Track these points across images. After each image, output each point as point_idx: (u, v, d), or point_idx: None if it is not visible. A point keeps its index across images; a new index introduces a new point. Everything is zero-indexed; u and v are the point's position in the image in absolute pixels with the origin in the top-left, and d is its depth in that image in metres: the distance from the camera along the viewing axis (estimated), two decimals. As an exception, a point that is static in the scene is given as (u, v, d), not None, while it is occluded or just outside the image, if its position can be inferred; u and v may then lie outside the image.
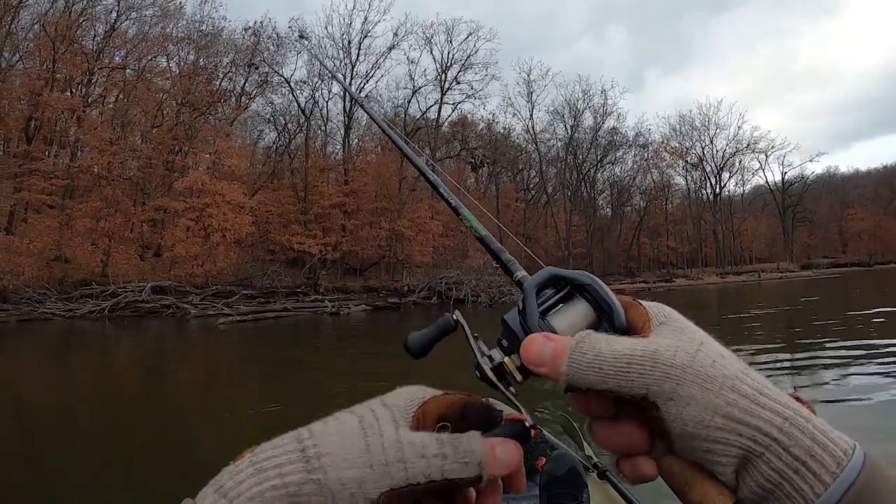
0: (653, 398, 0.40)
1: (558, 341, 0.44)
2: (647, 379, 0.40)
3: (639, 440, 0.43)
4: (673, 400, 0.40)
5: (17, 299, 24.70)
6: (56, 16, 32.64)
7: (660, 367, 0.40)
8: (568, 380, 0.42)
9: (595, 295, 0.49)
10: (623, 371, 0.41)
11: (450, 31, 46.91)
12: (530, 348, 0.45)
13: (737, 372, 0.41)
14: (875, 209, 78.61)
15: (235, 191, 32.39)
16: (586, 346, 0.42)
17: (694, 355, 0.41)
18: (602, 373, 0.41)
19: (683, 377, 0.40)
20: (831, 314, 17.09)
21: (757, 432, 0.39)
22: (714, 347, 0.43)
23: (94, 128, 32.25)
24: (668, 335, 0.44)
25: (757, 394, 0.40)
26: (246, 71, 41.40)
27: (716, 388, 0.40)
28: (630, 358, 0.41)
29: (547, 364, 0.44)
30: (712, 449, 0.40)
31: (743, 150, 65.65)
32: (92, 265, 29.79)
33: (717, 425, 0.39)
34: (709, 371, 0.41)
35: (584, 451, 3.40)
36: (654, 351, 0.41)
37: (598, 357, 0.42)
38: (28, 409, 8.35)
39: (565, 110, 58.16)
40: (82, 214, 30.10)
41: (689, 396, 0.40)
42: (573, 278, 0.50)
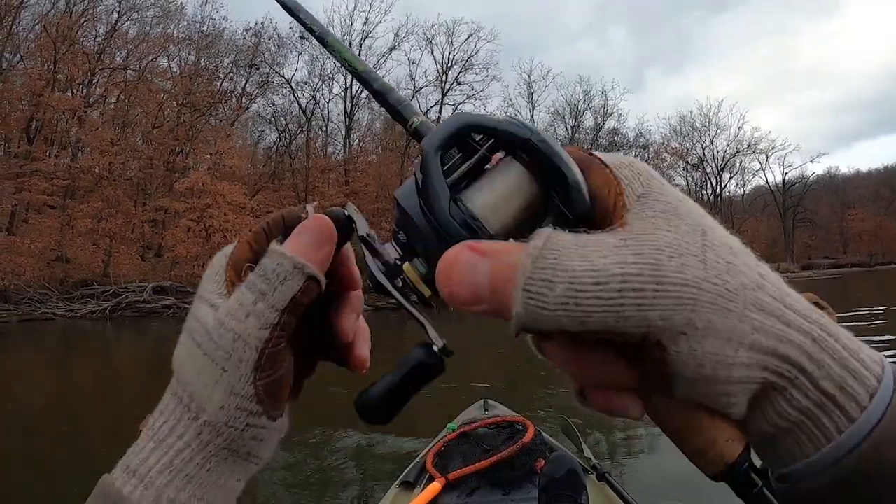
0: (656, 336, 0.28)
1: (498, 254, 0.30)
2: (649, 312, 0.27)
3: (620, 377, 0.32)
4: (685, 335, 0.28)
5: (18, 299, 24.77)
6: (57, 16, 32.70)
7: (666, 288, 0.27)
8: (523, 324, 0.28)
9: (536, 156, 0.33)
10: (613, 304, 0.27)
11: (450, 32, 47.06)
12: (453, 270, 0.30)
13: (755, 276, 0.31)
14: (876, 210, 78.60)
15: (236, 191, 32.48)
16: (551, 265, 0.28)
17: (704, 257, 0.29)
18: (579, 311, 0.27)
19: (699, 298, 0.28)
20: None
21: (784, 363, 0.29)
22: (720, 235, 0.32)
23: (96, 128, 32.30)
24: (658, 222, 0.31)
25: (782, 307, 0.30)
26: (247, 71, 41.49)
27: (739, 306, 0.29)
28: (622, 282, 0.27)
29: (484, 297, 0.29)
30: (731, 392, 0.30)
31: (743, 151, 65.74)
32: (93, 265, 29.84)
33: (742, 361, 0.29)
34: (727, 282, 0.29)
35: (584, 452, 3.44)
36: (653, 262, 0.28)
37: (573, 284, 0.27)
38: (29, 408, 8.38)
39: (566, 111, 58.24)
40: (83, 215, 30.18)
41: (707, 327, 0.28)
42: (499, 128, 0.34)
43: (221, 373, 0.35)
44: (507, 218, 0.33)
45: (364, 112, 49.42)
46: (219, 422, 0.36)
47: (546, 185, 0.34)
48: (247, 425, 0.36)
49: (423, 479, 3.03)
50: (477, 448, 3.10)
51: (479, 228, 0.32)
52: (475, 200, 0.33)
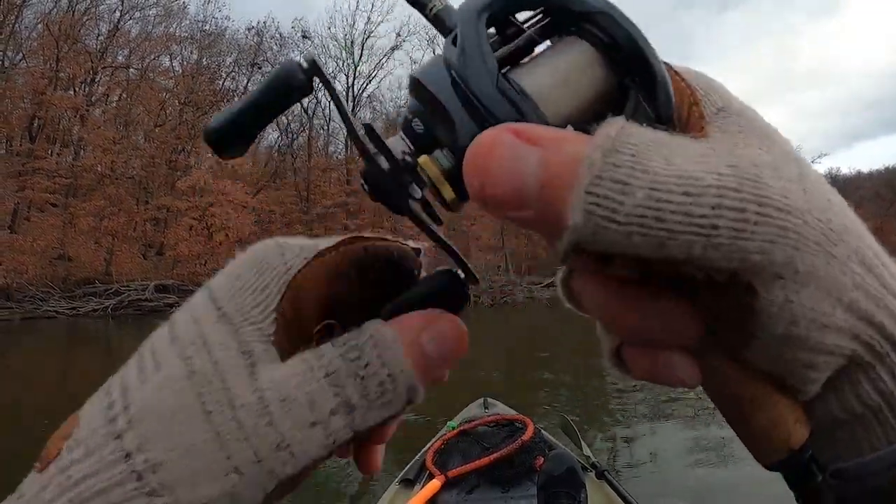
0: (748, 276, 0.21)
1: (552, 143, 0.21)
2: (747, 241, 0.20)
3: (683, 328, 0.24)
4: (783, 279, 0.21)
5: (20, 297, 24.81)
6: (59, 15, 32.75)
7: (770, 213, 0.21)
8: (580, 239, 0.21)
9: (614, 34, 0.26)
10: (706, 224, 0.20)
11: (452, 32, 47.08)
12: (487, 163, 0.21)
13: (856, 220, 0.26)
14: (877, 210, 78.42)
15: (238, 190, 32.55)
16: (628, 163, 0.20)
17: (804, 186, 0.23)
18: (662, 228, 0.20)
19: (804, 234, 0.21)
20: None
21: (878, 333, 0.24)
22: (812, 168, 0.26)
23: (98, 127, 32.34)
24: (749, 139, 0.25)
25: (880, 265, 0.25)
26: (249, 71, 41.56)
27: (843, 253, 0.23)
28: (718, 193, 0.20)
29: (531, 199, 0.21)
30: (815, 363, 0.24)
31: (745, 152, 65.96)
32: (95, 264, 29.89)
33: (837, 323, 0.23)
34: (831, 220, 0.23)
35: (583, 450, 3.47)
36: (754, 178, 0.21)
37: (656, 192, 0.20)
38: (32, 406, 8.40)
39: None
40: (85, 213, 30.25)
41: (809, 272, 0.22)
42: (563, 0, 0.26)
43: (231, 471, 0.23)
44: (569, 106, 0.25)
45: (366, 111, 49.53)
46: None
47: (621, 74, 0.26)
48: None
49: (422, 476, 3.06)
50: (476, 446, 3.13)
51: (531, 111, 0.24)
52: (528, 79, 0.25)
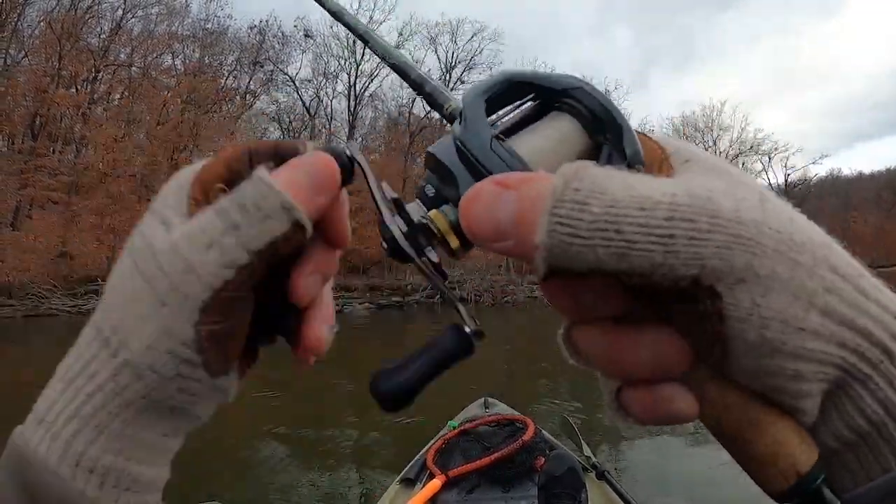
0: (710, 280, 0.23)
1: (527, 182, 0.25)
2: (703, 247, 0.23)
3: (673, 355, 0.26)
4: (746, 282, 0.23)
5: (22, 295, 24.86)
6: (62, 13, 32.78)
7: (722, 223, 0.23)
8: (551, 257, 0.24)
9: (587, 104, 0.31)
10: (662, 234, 0.23)
11: (454, 31, 47.13)
12: (476, 201, 0.26)
13: (821, 234, 0.27)
14: (878, 212, 78.50)
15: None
16: (587, 187, 0.23)
17: (762, 206, 0.25)
18: (620, 239, 0.23)
19: (762, 241, 0.23)
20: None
21: (865, 340, 0.24)
22: (781, 203, 0.27)
23: (100, 125, 32.37)
24: (709, 175, 0.27)
25: (857, 273, 0.26)
26: (251, 69, 41.60)
27: (808, 260, 0.24)
28: (670, 208, 0.23)
29: (508, 230, 0.25)
30: (802, 372, 0.24)
31: (746, 152, 65.67)
32: (97, 261, 29.94)
33: (814, 327, 0.24)
34: (792, 232, 0.25)
35: (583, 451, 3.49)
36: (706, 196, 0.24)
37: (613, 209, 0.23)
38: (31, 405, 8.43)
39: (569, 111, 58.42)
40: (87, 211, 30.29)
41: (771, 275, 0.23)
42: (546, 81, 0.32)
43: (159, 306, 0.29)
44: (554, 163, 0.28)
45: (367, 110, 49.53)
46: (141, 363, 0.29)
47: (595, 136, 0.31)
48: (177, 374, 0.29)
49: (423, 476, 3.07)
50: (477, 446, 3.14)
51: (518, 167, 0.29)
52: (520, 144, 0.30)
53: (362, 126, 47.99)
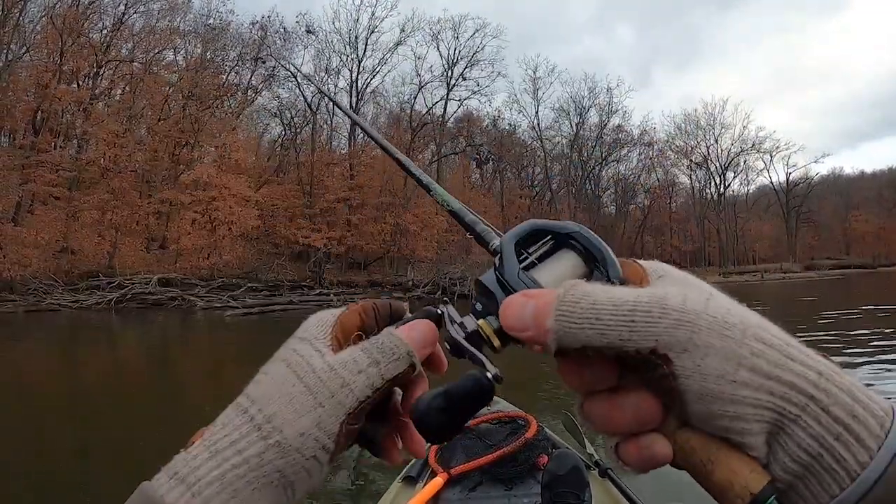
0: (663, 350, 0.34)
1: (542, 295, 0.38)
2: (655, 327, 0.34)
3: (648, 410, 0.36)
4: (688, 351, 0.33)
5: (24, 290, 24.90)
6: (64, 9, 32.71)
7: (670, 312, 0.34)
8: (558, 338, 0.36)
9: (584, 243, 0.44)
10: (626, 320, 0.34)
11: (456, 28, 47.03)
12: (509, 308, 0.39)
13: (757, 320, 0.36)
14: (879, 211, 78.38)
15: (241, 184, 32.58)
16: (578, 294, 0.36)
17: (706, 303, 0.35)
18: (600, 323, 0.35)
19: (698, 323, 0.34)
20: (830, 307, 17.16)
21: (790, 389, 0.33)
22: (725, 297, 0.38)
23: (101, 121, 32.33)
24: (669, 285, 0.39)
25: (784, 344, 0.34)
26: (252, 65, 41.53)
27: (737, 335, 0.34)
28: (634, 304, 0.35)
29: (529, 324, 0.38)
30: (740, 414, 0.33)
31: (748, 150, 65.67)
32: (98, 257, 29.99)
33: (744, 380, 0.33)
34: (727, 318, 0.34)
35: (587, 449, 3.47)
36: (661, 297, 0.35)
37: (595, 305, 0.35)
38: (35, 399, 8.44)
39: (571, 108, 58.27)
40: (89, 206, 30.29)
41: (706, 345, 0.33)
42: (556, 228, 0.46)
43: (317, 406, 0.39)
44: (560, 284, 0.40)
45: (369, 106, 49.45)
46: (291, 446, 0.38)
47: (591, 265, 0.43)
48: (313, 456, 0.39)
49: (425, 473, 3.04)
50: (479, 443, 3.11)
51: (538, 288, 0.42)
52: (539, 273, 0.43)
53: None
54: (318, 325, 0.44)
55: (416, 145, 47.75)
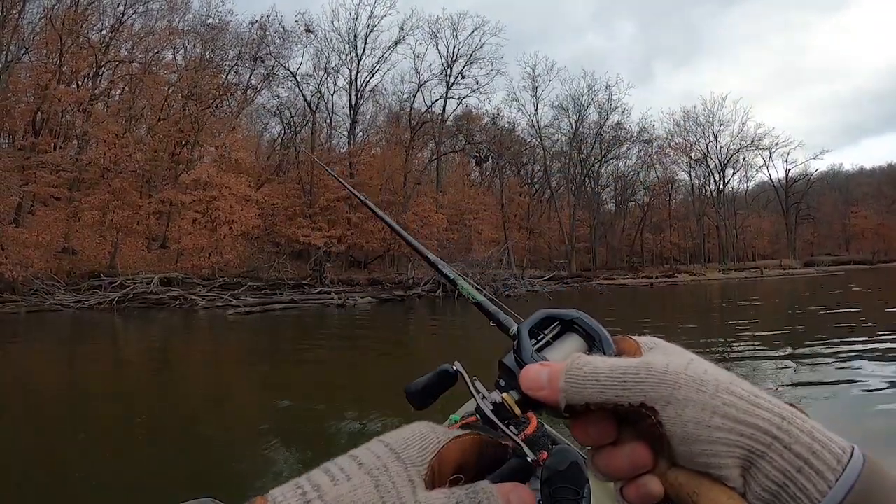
0: (651, 403, 0.41)
1: (554, 364, 0.46)
2: (643, 385, 0.41)
3: (641, 456, 0.43)
4: (671, 403, 0.41)
5: (26, 291, 25.01)
6: (63, 10, 32.78)
7: (654, 374, 0.42)
8: (567, 396, 0.43)
9: (584, 326, 0.53)
10: (620, 381, 0.42)
11: (455, 26, 47.13)
12: (528, 375, 0.47)
13: (730, 378, 0.42)
14: (879, 207, 78.50)
15: (242, 183, 32.69)
16: (582, 363, 0.44)
17: (686, 366, 0.42)
18: (599, 384, 0.42)
19: (678, 381, 0.41)
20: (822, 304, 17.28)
21: (756, 430, 0.39)
22: (704, 362, 0.45)
23: (102, 121, 32.42)
24: (658, 354, 0.47)
25: (752, 396, 0.41)
26: (252, 64, 41.59)
27: (711, 390, 0.41)
28: (625, 369, 0.42)
29: (544, 385, 0.45)
30: (715, 451, 0.40)
31: (747, 147, 65.71)
32: (99, 257, 30.12)
33: (717, 425, 0.40)
34: (702, 377, 0.42)
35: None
36: (647, 363, 0.43)
37: (595, 370, 0.43)
38: (37, 399, 8.45)
39: (570, 105, 58.38)
40: (90, 207, 30.38)
41: (685, 399, 0.40)
42: (562, 315, 0.55)
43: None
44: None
45: (368, 105, 49.57)
46: None
47: (590, 344, 0.52)
48: None
49: None
50: (479, 440, 3.21)
51: None
52: (548, 353, 0.51)
53: (363, 120, 47.99)
54: (419, 448, 0.45)
55: (416, 143, 47.87)
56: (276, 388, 8.83)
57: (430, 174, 48.93)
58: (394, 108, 51.28)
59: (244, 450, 5.66)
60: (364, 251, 42.16)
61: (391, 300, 29.50)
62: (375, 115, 52.65)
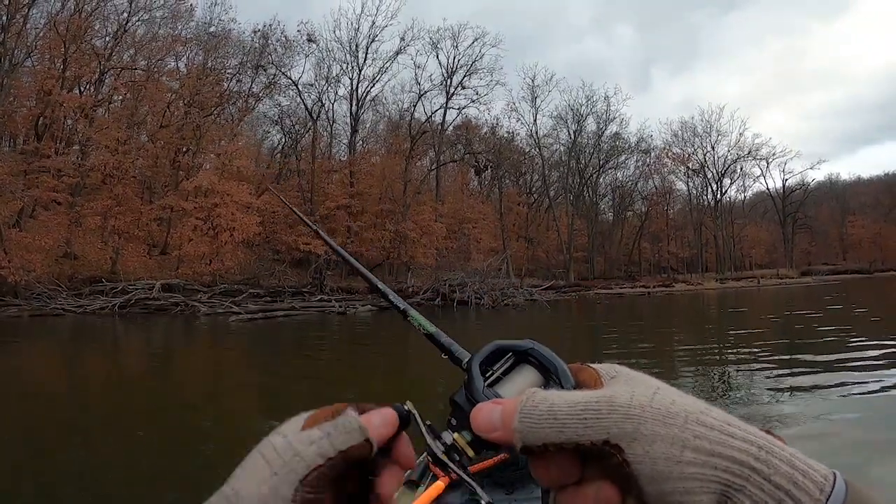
0: (615, 441, 0.38)
1: (507, 402, 0.44)
2: (606, 422, 0.39)
3: (608, 497, 0.40)
4: (637, 440, 0.38)
5: (28, 294, 25.18)
6: (67, 16, 33.02)
7: (617, 408, 0.39)
8: (522, 437, 0.41)
9: (539, 358, 0.51)
10: (579, 418, 0.39)
11: (456, 37, 47.47)
12: (478, 415, 0.45)
13: (700, 407, 0.40)
14: (876, 217, 78.89)
15: (243, 191, 32.89)
16: (537, 400, 0.41)
17: (651, 397, 0.40)
18: (557, 422, 0.39)
19: (644, 415, 0.38)
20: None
21: (732, 463, 0.37)
22: (671, 391, 0.42)
23: (104, 127, 32.64)
24: (621, 384, 0.43)
25: (725, 425, 0.38)
26: (254, 73, 41.86)
27: (679, 422, 0.38)
28: (585, 404, 0.40)
29: (498, 427, 0.43)
30: (689, 489, 0.37)
31: (744, 157, 66.08)
32: (101, 262, 30.29)
33: (689, 459, 0.37)
34: (670, 408, 0.39)
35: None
36: (609, 396, 0.40)
37: (552, 408, 0.40)
38: (39, 401, 8.52)
39: (568, 115, 58.71)
40: (92, 212, 30.57)
41: (653, 434, 0.38)
42: (515, 347, 0.53)
43: (273, 475, 0.42)
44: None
45: (369, 114, 49.86)
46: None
47: (546, 376, 0.50)
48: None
49: (426, 477, 3.31)
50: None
51: None
52: (501, 389, 0.50)
53: (363, 129, 48.28)
54: (295, 419, 0.48)
55: (416, 152, 48.13)
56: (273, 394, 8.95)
57: (429, 183, 49.16)
58: (394, 118, 51.62)
59: (245, 453, 5.69)
60: (364, 259, 42.32)
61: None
62: (376, 123, 52.99)
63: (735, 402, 7.03)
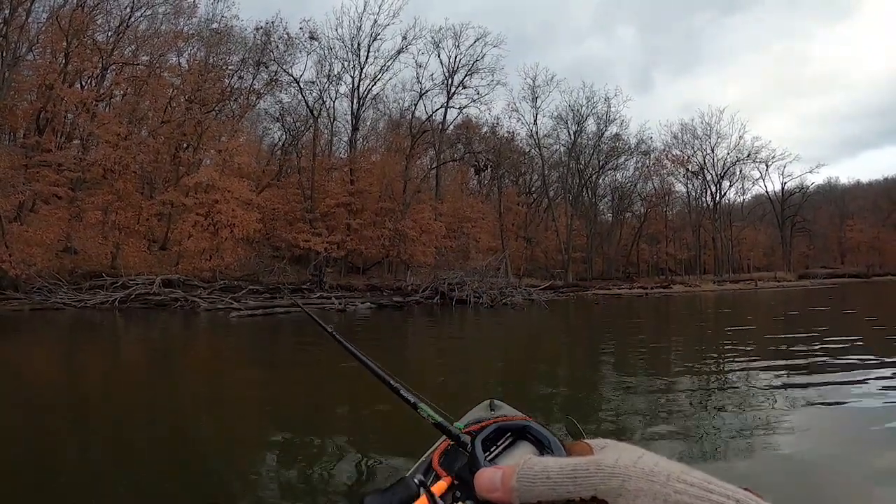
0: (602, 496, 0.42)
1: (506, 467, 0.49)
2: (593, 480, 0.42)
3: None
4: (622, 495, 0.41)
5: (28, 289, 25.22)
6: (69, 10, 33.03)
7: (604, 468, 0.43)
8: (520, 495, 0.45)
9: (535, 434, 0.56)
10: (570, 477, 0.43)
11: (458, 36, 47.55)
12: (482, 477, 0.50)
13: (681, 468, 0.42)
14: (874, 221, 79.05)
15: (244, 188, 32.96)
16: (532, 462, 0.46)
17: (636, 460, 0.43)
18: (550, 481, 0.44)
19: (628, 474, 0.42)
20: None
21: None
22: (655, 456, 0.45)
23: (106, 122, 32.67)
24: (609, 452, 0.47)
25: (704, 482, 0.40)
26: (255, 70, 41.88)
27: (662, 479, 0.41)
28: (575, 466, 0.44)
29: (498, 487, 0.47)
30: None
31: (744, 160, 66.27)
32: (101, 257, 30.33)
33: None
34: (653, 468, 0.42)
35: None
36: (598, 460, 0.44)
37: (546, 469, 0.45)
38: (39, 397, 8.38)
39: (569, 116, 58.82)
40: (93, 207, 30.61)
41: (636, 489, 0.41)
42: (513, 426, 0.58)
43: None
44: None
45: (370, 112, 49.92)
46: None
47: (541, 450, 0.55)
48: None
49: (429, 477, 3.43)
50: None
51: None
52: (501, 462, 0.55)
53: (364, 127, 48.33)
54: None
55: (416, 151, 48.20)
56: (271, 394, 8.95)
57: (429, 182, 49.25)
58: (395, 116, 51.71)
59: (242, 458, 5.54)
60: (363, 257, 42.43)
61: (389, 306, 29.75)
62: (376, 121, 53.06)
63: (728, 401, 7.10)
